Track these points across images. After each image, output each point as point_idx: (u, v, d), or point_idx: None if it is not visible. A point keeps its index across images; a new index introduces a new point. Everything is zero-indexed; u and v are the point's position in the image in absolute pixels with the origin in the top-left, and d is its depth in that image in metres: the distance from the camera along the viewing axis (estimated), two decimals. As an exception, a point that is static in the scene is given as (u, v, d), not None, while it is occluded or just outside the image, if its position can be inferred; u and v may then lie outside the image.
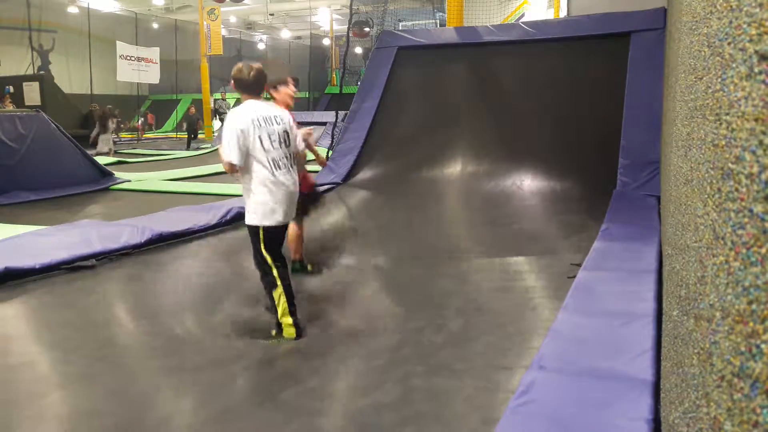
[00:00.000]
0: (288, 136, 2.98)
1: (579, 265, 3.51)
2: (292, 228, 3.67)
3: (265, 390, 2.37)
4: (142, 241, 4.43)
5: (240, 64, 2.99)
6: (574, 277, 3.24)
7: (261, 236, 2.90)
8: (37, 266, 3.71)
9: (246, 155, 2.83)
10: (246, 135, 2.82)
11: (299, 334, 2.86)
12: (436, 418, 2.07)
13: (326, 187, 6.74)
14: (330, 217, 5.92)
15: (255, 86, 2.94)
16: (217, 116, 17.89)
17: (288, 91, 3.59)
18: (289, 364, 2.66)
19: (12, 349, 2.71)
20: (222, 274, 3.95)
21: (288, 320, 2.86)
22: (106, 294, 3.56)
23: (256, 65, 2.99)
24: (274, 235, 2.95)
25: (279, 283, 2.89)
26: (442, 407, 2.14)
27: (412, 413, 2.08)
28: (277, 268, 2.91)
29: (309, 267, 3.92)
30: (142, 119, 20.63)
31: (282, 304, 2.86)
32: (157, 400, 2.26)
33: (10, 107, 12.35)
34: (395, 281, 3.77)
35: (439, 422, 2.04)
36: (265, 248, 2.91)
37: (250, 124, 2.83)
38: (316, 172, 7.79)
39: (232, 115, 2.89)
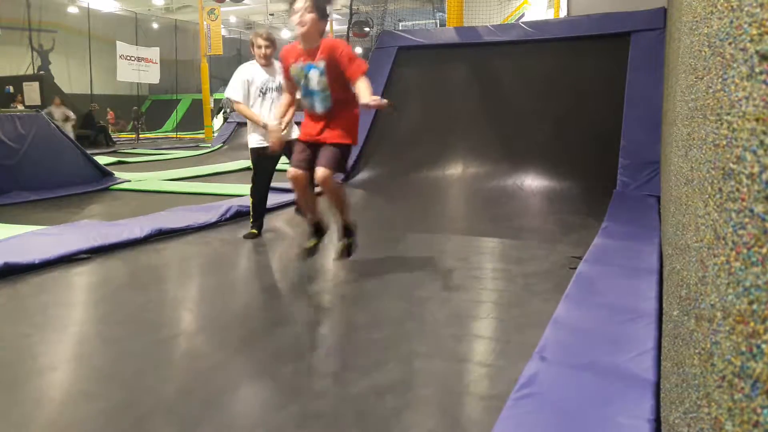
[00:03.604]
0: None
1: (579, 258, 3.53)
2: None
3: (263, 367, 2.38)
4: (141, 236, 4.47)
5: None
6: (575, 268, 3.26)
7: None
8: (37, 261, 3.74)
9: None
10: None
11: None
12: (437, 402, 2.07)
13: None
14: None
15: None
16: (222, 114, 17.94)
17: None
18: (289, 335, 2.70)
19: (5, 333, 2.73)
20: (221, 261, 3.95)
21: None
22: (103, 278, 3.61)
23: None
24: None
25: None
26: (443, 391, 2.16)
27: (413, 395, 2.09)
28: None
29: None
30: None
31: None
32: (152, 382, 2.26)
33: (21, 107, 12.36)
34: (399, 263, 3.78)
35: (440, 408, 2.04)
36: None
37: None
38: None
39: None
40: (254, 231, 4.42)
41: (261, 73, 4.24)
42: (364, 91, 2.76)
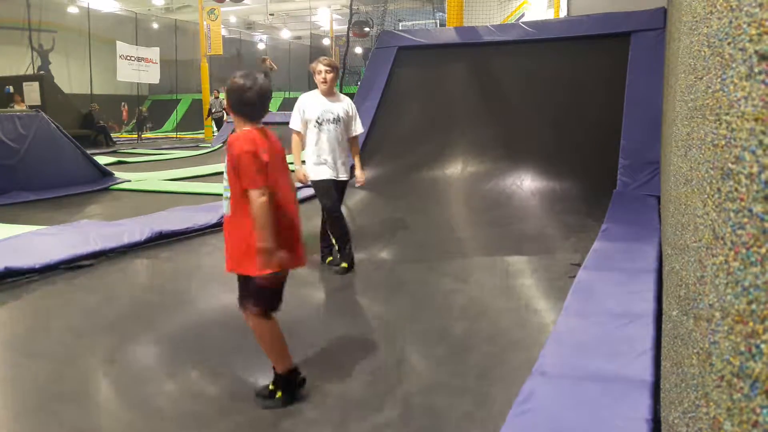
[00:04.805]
0: None
1: (579, 264, 3.52)
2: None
3: (263, 368, 2.30)
4: (142, 239, 4.45)
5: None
6: (574, 276, 3.25)
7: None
8: (37, 266, 3.71)
9: None
10: None
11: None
12: None
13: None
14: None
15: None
16: (211, 116, 17.87)
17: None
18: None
19: (6, 355, 2.70)
20: (218, 264, 3.95)
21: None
22: (104, 293, 3.55)
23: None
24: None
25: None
26: (442, 425, 2.09)
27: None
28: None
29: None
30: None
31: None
32: (151, 415, 2.17)
33: (22, 106, 12.32)
34: (397, 281, 3.77)
35: None
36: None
37: None
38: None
39: None
40: (344, 265, 3.90)
41: (318, 103, 3.87)
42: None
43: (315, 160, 3.90)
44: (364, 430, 2.05)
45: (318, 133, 3.86)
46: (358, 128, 4.07)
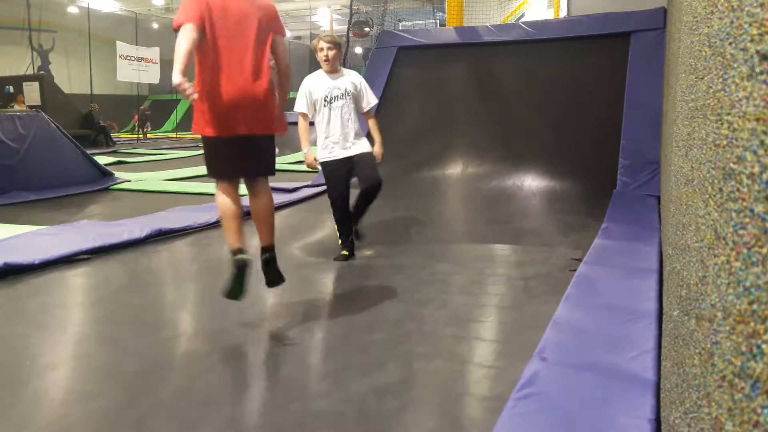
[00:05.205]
0: None
1: (579, 260, 3.54)
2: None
3: (263, 368, 2.38)
4: (141, 236, 4.51)
5: None
6: (575, 270, 3.27)
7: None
8: (36, 262, 3.74)
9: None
10: None
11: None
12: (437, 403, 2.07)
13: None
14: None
15: None
16: None
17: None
18: (289, 336, 2.71)
19: (4, 333, 2.74)
20: (219, 259, 3.95)
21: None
22: (102, 279, 3.64)
23: None
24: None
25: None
26: (443, 392, 2.16)
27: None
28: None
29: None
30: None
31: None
32: (152, 382, 2.27)
33: (23, 106, 12.31)
34: (397, 265, 3.79)
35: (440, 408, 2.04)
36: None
37: None
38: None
39: None
40: (345, 252, 3.94)
41: (323, 81, 3.79)
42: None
43: (325, 140, 3.81)
44: (364, 390, 2.14)
45: (328, 111, 3.76)
46: (371, 100, 3.96)
